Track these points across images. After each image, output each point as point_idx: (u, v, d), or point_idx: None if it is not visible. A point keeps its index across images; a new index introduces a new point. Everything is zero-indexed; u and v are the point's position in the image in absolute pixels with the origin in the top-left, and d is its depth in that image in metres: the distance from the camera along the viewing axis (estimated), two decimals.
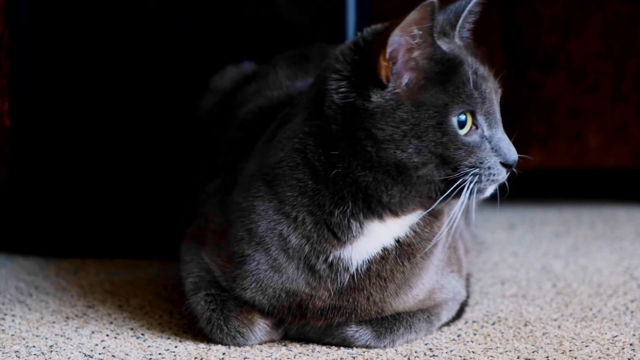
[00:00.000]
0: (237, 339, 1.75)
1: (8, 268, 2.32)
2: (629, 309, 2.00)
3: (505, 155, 1.62)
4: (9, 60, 2.38)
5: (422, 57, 1.60)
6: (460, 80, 1.61)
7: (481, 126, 1.62)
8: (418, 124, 1.58)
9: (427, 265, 1.73)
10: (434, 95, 1.59)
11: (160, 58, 2.40)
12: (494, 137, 1.63)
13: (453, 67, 1.61)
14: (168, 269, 2.20)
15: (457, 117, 1.59)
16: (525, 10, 2.89)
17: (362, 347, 1.75)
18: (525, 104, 2.92)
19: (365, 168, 1.61)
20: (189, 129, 2.23)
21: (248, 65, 2.27)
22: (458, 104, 1.60)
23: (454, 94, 1.60)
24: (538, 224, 2.83)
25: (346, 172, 1.63)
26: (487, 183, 1.62)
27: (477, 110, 1.61)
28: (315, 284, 1.68)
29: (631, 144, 2.95)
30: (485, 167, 1.61)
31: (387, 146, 1.59)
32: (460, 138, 1.59)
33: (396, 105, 1.59)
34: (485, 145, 1.62)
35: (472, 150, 1.60)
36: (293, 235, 1.67)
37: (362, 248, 1.67)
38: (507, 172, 1.64)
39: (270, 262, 1.69)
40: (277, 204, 1.68)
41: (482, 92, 1.62)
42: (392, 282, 1.70)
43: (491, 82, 1.66)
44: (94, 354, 1.73)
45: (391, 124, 1.59)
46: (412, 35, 1.58)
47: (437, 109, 1.59)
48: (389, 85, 1.60)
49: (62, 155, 2.43)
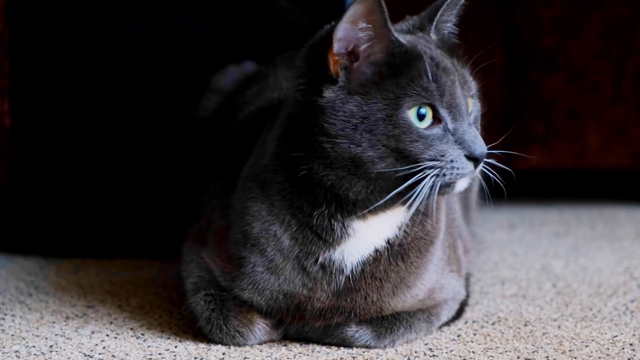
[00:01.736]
0: (236, 339, 1.75)
1: (8, 268, 2.32)
2: (629, 309, 2.00)
3: (470, 148, 1.59)
4: (9, 60, 2.38)
5: (376, 51, 1.60)
6: (415, 73, 1.60)
7: (444, 119, 1.60)
8: (367, 117, 1.58)
9: (424, 264, 1.73)
10: (385, 88, 1.59)
11: (160, 58, 2.40)
12: (458, 129, 1.60)
13: (408, 61, 1.60)
14: (168, 269, 2.20)
15: (415, 110, 1.58)
16: (525, 11, 2.89)
17: (362, 347, 1.75)
18: (525, 104, 2.92)
19: (327, 166, 1.61)
20: (190, 129, 2.23)
21: (249, 65, 2.27)
22: (410, 97, 1.58)
23: (406, 87, 1.59)
24: (538, 224, 2.83)
25: (311, 173, 1.63)
26: (453, 177, 1.59)
27: (437, 104, 1.59)
28: (312, 285, 1.68)
29: (631, 144, 2.95)
30: (447, 160, 1.59)
31: (341, 141, 1.59)
32: (416, 130, 1.58)
33: (346, 99, 1.59)
34: (448, 138, 1.60)
35: (431, 143, 1.58)
36: (284, 236, 1.68)
37: (353, 249, 1.67)
38: (476, 166, 1.61)
39: (266, 263, 1.69)
40: (269, 205, 1.69)
41: (441, 85, 1.60)
42: (387, 282, 1.70)
43: (456, 76, 1.63)
44: (94, 354, 1.73)
45: (342, 118, 1.59)
46: (360, 28, 1.58)
47: (386, 102, 1.58)
48: (339, 80, 1.60)
49: (62, 155, 2.43)
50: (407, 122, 1.58)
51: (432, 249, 1.74)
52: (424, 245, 1.72)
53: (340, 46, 1.59)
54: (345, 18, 1.57)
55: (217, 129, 2.08)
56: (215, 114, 2.18)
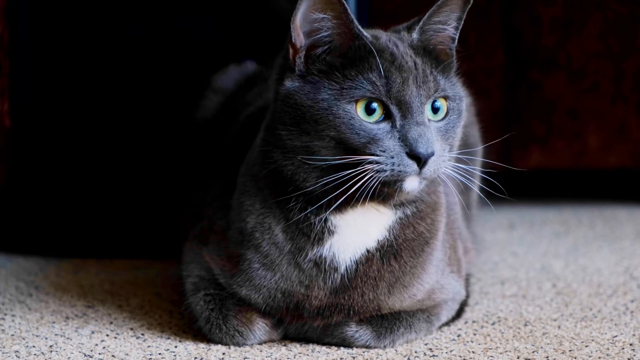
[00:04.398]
0: (235, 339, 1.75)
1: (8, 268, 2.32)
2: (629, 309, 2.00)
3: (411, 146, 1.58)
4: (9, 60, 2.38)
5: (334, 41, 1.62)
6: (366, 67, 1.60)
7: (394, 116, 1.60)
8: (314, 106, 1.60)
9: (421, 264, 1.73)
10: (333, 79, 1.61)
11: (160, 58, 2.40)
12: (404, 127, 1.60)
13: (362, 54, 1.61)
14: (168, 269, 2.20)
15: (363, 103, 1.59)
16: (525, 11, 2.89)
17: (362, 347, 1.75)
18: (525, 104, 2.92)
19: (286, 157, 1.63)
20: (190, 129, 2.23)
21: (250, 65, 2.27)
22: (356, 89, 1.59)
23: (354, 79, 1.60)
24: (538, 224, 2.83)
25: (276, 164, 1.65)
26: (395, 174, 1.58)
27: (383, 99, 1.60)
28: (308, 282, 1.68)
29: (631, 144, 2.95)
30: (387, 156, 1.58)
31: (294, 129, 1.61)
32: (359, 123, 1.59)
33: (300, 88, 1.62)
34: (394, 134, 1.60)
35: (374, 138, 1.59)
36: (278, 228, 1.68)
37: (341, 247, 1.67)
38: (421, 166, 1.58)
39: (261, 259, 1.69)
40: (262, 198, 1.70)
41: (391, 82, 1.60)
42: (382, 281, 1.70)
43: (411, 74, 1.61)
44: (94, 354, 1.73)
45: (294, 106, 1.61)
46: (317, 19, 1.60)
47: (332, 92, 1.60)
48: (296, 69, 1.63)
49: (62, 155, 2.43)
50: (349, 113, 1.59)
51: (428, 249, 1.73)
52: (418, 246, 1.72)
53: (297, 35, 1.62)
54: (302, 6, 1.59)
55: (218, 130, 2.09)
56: (216, 115, 2.18)
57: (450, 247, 1.86)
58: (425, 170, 1.59)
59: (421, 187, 1.63)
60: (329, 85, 1.60)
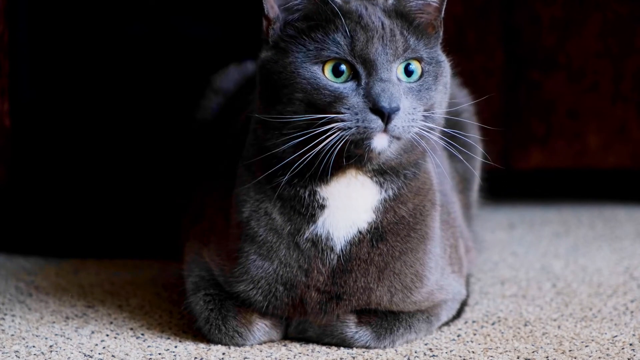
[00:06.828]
0: (235, 339, 1.75)
1: (8, 268, 2.32)
2: (628, 309, 2.00)
3: (374, 100, 1.58)
4: (9, 60, 2.38)
5: (301, 8, 1.64)
6: (332, 28, 1.62)
7: (360, 74, 1.61)
8: (282, 72, 1.62)
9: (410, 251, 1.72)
10: (300, 43, 1.63)
11: (160, 58, 2.40)
12: (369, 84, 1.60)
13: (328, 17, 1.63)
14: (168, 269, 2.20)
15: (330, 65, 1.60)
16: (524, 10, 2.89)
17: (362, 347, 1.75)
18: (525, 104, 2.92)
19: (265, 129, 1.65)
20: (190, 129, 2.23)
21: (250, 65, 2.27)
22: (322, 50, 1.61)
23: (320, 41, 1.61)
24: (538, 224, 2.83)
25: (261, 140, 1.66)
26: (361, 132, 1.58)
27: (348, 58, 1.60)
28: (307, 266, 1.68)
29: (631, 144, 2.95)
30: (352, 112, 1.58)
31: (268, 96, 1.63)
32: (324, 83, 1.60)
33: (273, 57, 1.65)
34: (359, 92, 1.60)
35: (340, 97, 1.59)
36: (275, 212, 1.69)
37: (333, 223, 1.67)
38: (386, 122, 1.58)
39: (258, 250, 1.70)
40: (256, 184, 1.71)
41: (355, 40, 1.60)
42: (372, 265, 1.70)
43: (376, 33, 1.61)
44: (94, 354, 1.73)
45: (266, 76, 1.64)
46: None
47: (298, 55, 1.62)
48: (269, 41, 1.66)
49: (62, 155, 2.43)
50: (314, 74, 1.61)
51: (415, 236, 1.73)
52: (402, 230, 1.71)
53: (270, 7, 1.66)
54: None
55: (218, 130, 2.09)
56: (216, 115, 2.18)
57: (451, 245, 1.86)
58: (391, 127, 1.59)
59: (392, 147, 1.62)
60: (296, 49, 1.63)
